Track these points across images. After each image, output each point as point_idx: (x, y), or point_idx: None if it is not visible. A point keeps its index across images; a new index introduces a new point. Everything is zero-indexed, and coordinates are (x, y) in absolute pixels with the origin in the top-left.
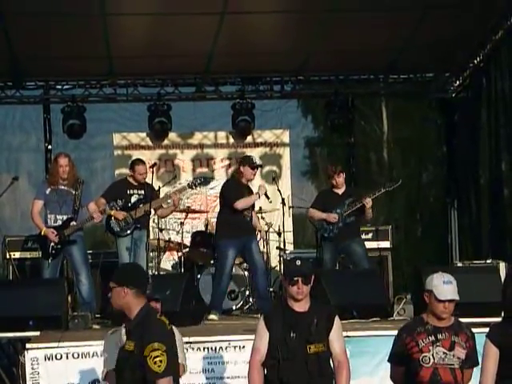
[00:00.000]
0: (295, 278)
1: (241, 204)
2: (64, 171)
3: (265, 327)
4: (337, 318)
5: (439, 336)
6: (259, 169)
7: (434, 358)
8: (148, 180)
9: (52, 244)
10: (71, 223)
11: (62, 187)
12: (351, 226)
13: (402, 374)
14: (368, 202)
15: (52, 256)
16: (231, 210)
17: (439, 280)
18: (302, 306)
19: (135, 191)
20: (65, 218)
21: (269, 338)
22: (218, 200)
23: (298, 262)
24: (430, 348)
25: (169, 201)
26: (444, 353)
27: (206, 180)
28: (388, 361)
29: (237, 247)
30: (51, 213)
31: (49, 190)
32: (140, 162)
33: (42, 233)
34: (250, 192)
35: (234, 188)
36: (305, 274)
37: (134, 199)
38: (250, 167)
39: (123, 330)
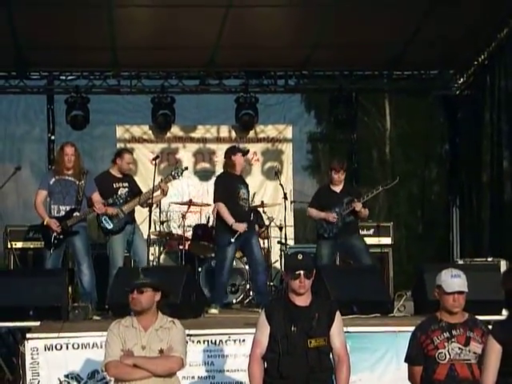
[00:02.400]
0: (297, 272)
1: (221, 210)
2: (69, 160)
3: (266, 320)
4: (338, 313)
5: (454, 332)
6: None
7: (449, 354)
8: (150, 172)
9: (54, 234)
10: (74, 214)
11: (67, 177)
12: (351, 224)
13: (419, 373)
14: (358, 205)
15: (54, 246)
16: (229, 204)
17: (447, 274)
18: (303, 300)
19: (120, 184)
20: (68, 208)
21: (269, 331)
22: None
23: (300, 256)
24: (446, 344)
25: (158, 192)
26: (460, 348)
27: (186, 168)
28: (405, 361)
29: (236, 242)
30: (55, 203)
31: (53, 180)
32: (127, 151)
33: (45, 223)
34: (244, 183)
35: (223, 184)
36: (307, 267)
37: (120, 192)
38: (241, 154)
39: (126, 322)
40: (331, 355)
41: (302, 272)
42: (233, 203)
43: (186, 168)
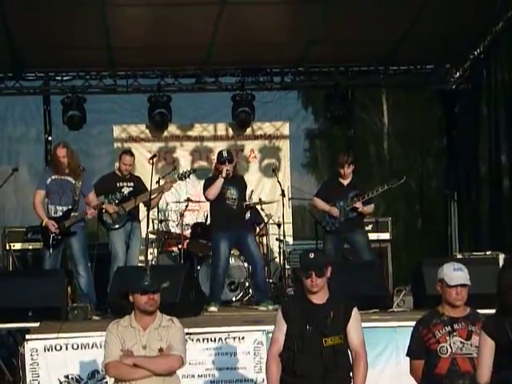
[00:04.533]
0: (309, 272)
1: (209, 192)
2: (62, 162)
3: (282, 318)
4: (355, 310)
5: (455, 326)
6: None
7: (451, 348)
8: (148, 172)
9: (53, 235)
10: (72, 214)
11: (63, 177)
12: (354, 219)
13: (421, 367)
14: (358, 204)
15: (53, 247)
16: (216, 204)
17: (449, 268)
18: (319, 298)
19: (125, 183)
20: (65, 209)
21: (286, 328)
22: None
23: (312, 255)
24: (447, 338)
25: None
26: (461, 342)
27: (194, 171)
28: (406, 355)
29: (228, 239)
30: (52, 203)
31: (49, 179)
32: (127, 152)
33: (43, 224)
34: (234, 184)
35: (209, 183)
36: (318, 266)
37: (124, 191)
38: (219, 163)
39: (124, 322)
40: (349, 352)
41: (313, 271)
42: (219, 202)
43: (195, 170)
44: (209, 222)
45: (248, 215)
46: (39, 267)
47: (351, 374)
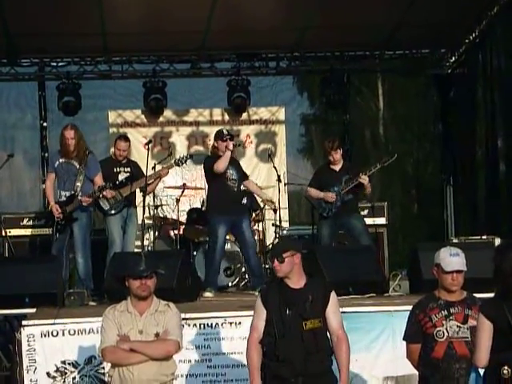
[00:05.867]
0: (272, 258)
1: (219, 165)
2: (70, 144)
3: (262, 305)
4: (333, 294)
5: (452, 310)
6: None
7: (447, 332)
8: (143, 157)
9: (57, 220)
10: (75, 199)
11: (70, 160)
12: (350, 203)
13: (417, 351)
14: (364, 179)
15: (58, 231)
16: (216, 184)
17: (446, 253)
18: (296, 283)
19: (121, 169)
20: (68, 194)
21: (266, 315)
22: (204, 178)
23: (276, 241)
24: (444, 322)
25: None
26: (458, 326)
27: (191, 157)
28: (403, 339)
29: (226, 224)
30: (58, 187)
31: (57, 162)
32: (122, 138)
33: (49, 208)
34: (234, 164)
35: (212, 160)
36: (277, 253)
37: (121, 177)
38: (221, 140)
39: (121, 307)
40: (329, 335)
41: (274, 258)
42: (220, 183)
43: (191, 156)
44: (205, 207)
45: (244, 200)
46: (35, 253)
47: (332, 357)
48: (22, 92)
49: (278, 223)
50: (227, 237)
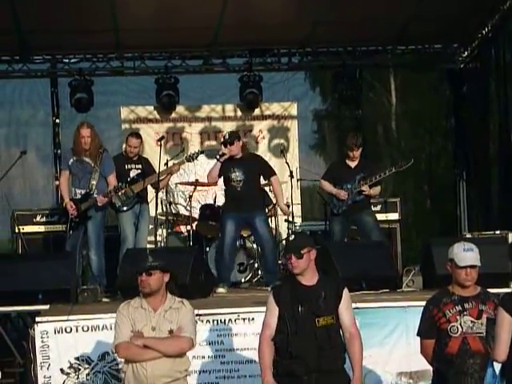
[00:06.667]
0: (288, 254)
1: (208, 175)
2: (85, 142)
3: (274, 302)
4: (345, 290)
5: (466, 305)
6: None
7: (462, 328)
8: (156, 153)
9: (71, 217)
10: (89, 198)
11: (84, 158)
12: (361, 202)
13: (431, 347)
14: (364, 187)
15: (72, 228)
16: (225, 186)
17: (460, 248)
18: (309, 280)
19: (133, 165)
20: (83, 192)
21: (278, 312)
22: None
23: (292, 237)
24: (458, 317)
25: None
26: (472, 321)
27: (202, 152)
28: (417, 335)
29: (236, 221)
30: (73, 185)
31: (71, 160)
32: (133, 134)
33: (64, 205)
34: (241, 165)
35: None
36: (295, 248)
37: (132, 174)
38: (222, 145)
39: (135, 303)
40: (341, 332)
41: (291, 254)
42: (226, 184)
43: (202, 152)
44: (217, 203)
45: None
46: (48, 250)
47: (345, 354)
48: (34, 89)
49: (290, 219)
50: (243, 233)
